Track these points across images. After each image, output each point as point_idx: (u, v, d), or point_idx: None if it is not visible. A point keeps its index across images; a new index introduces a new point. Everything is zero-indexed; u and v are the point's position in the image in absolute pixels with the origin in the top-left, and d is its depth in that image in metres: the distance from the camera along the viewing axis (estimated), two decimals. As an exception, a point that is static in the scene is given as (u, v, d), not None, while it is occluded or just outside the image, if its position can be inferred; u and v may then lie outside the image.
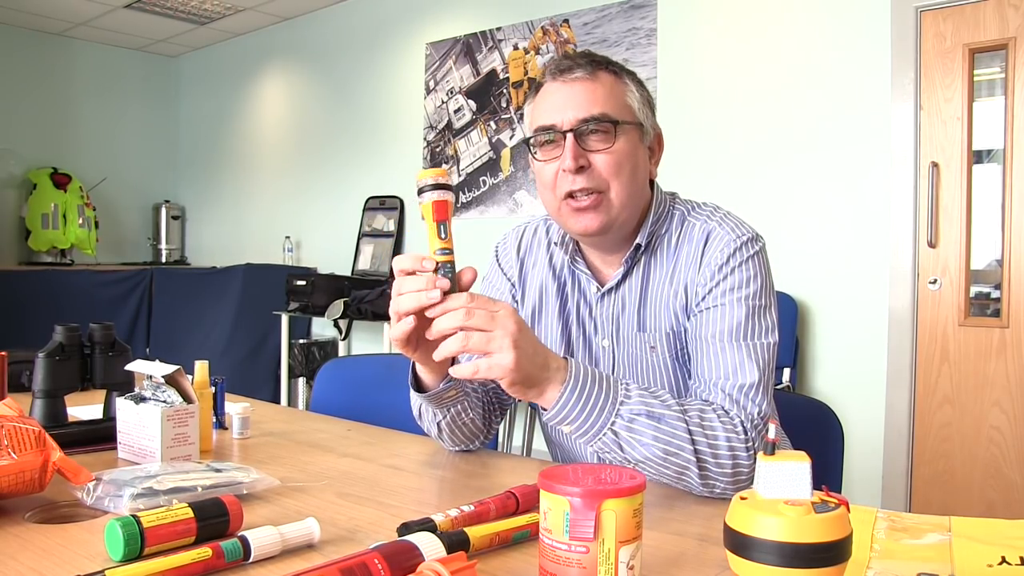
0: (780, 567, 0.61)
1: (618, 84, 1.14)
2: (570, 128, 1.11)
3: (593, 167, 1.11)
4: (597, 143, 1.11)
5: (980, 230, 2.87)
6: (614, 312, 1.20)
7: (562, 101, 1.12)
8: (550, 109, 1.13)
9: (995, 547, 0.75)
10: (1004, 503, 2.74)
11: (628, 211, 1.14)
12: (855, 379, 3.07)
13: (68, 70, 5.83)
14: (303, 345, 4.82)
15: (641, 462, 0.99)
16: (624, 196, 1.12)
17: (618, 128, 1.11)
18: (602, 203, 1.12)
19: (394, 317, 0.97)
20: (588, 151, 1.11)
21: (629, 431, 0.98)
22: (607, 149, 1.11)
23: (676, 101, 3.54)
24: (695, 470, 0.99)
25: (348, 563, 0.66)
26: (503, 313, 0.92)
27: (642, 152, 1.16)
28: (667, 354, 1.16)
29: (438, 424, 1.18)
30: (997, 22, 2.79)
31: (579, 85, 1.12)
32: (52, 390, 1.26)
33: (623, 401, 0.98)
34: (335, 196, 5.13)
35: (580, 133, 1.11)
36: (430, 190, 0.94)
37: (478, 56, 4.34)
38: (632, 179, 1.13)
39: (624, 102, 1.14)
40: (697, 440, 0.99)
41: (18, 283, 4.91)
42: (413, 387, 1.13)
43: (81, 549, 0.78)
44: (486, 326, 0.91)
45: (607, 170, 1.11)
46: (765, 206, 3.26)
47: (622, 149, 1.12)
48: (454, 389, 1.12)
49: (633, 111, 1.15)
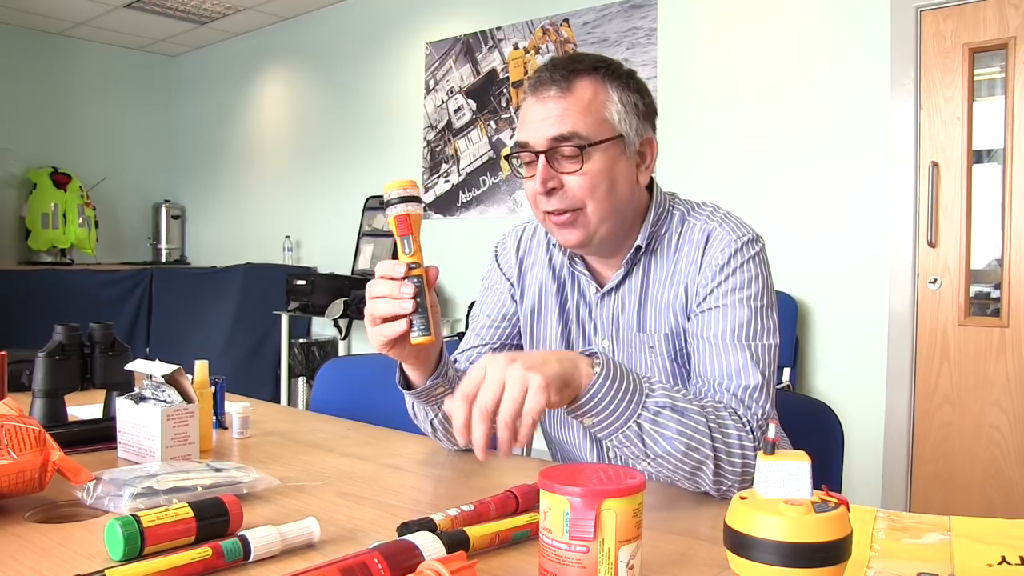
0: (780, 567, 0.61)
1: (598, 94, 1.10)
2: (542, 149, 1.09)
3: (566, 188, 1.10)
4: (569, 164, 1.09)
5: (980, 230, 2.87)
6: (614, 312, 1.19)
7: (534, 119, 1.11)
8: (525, 126, 1.12)
9: (995, 547, 0.75)
10: (1004, 503, 2.74)
11: (609, 225, 1.13)
12: (855, 379, 3.07)
13: (68, 70, 5.83)
14: (303, 345, 4.82)
15: (661, 456, 0.97)
16: (602, 212, 1.11)
17: (590, 148, 1.09)
18: (578, 219, 1.11)
19: (371, 320, 0.98)
20: (560, 172, 1.10)
21: (654, 424, 0.96)
22: (577, 171, 1.09)
23: (676, 101, 3.54)
24: (711, 466, 0.98)
25: (348, 563, 0.66)
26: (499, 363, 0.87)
27: (623, 164, 1.13)
28: (666, 355, 1.16)
29: (431, 423, 1.18)
30: (997, 22, 2.79)
31: (552, 103, 1.10)
32: (52, 390, 1.26)
33: (648, 394, 0.96)
34: (335, 196, 5.12)
35: (552, 153, 1.09)
36: (396, 203, 0.93)
37: (478, 56, 4.34)
38: (610, 195, 1.11)
39: (601, 116, 1.10)
40: (715, 437, 0.98)
41: (18, 283, 4.91)
42: (401, 385, 1.13)
43: (81, 549, 0.78)
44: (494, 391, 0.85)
45: (581, 190, 1.09)
46: (765, 206, 3.25)
47: (595, 169, 1.09)
48: (442, 385, 1.11)
49: (611, 124, 1.11)
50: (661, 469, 0.99)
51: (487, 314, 1.31)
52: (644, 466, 0.99)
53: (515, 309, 1.29)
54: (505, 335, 1.30)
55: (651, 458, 0.98)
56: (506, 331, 1.30)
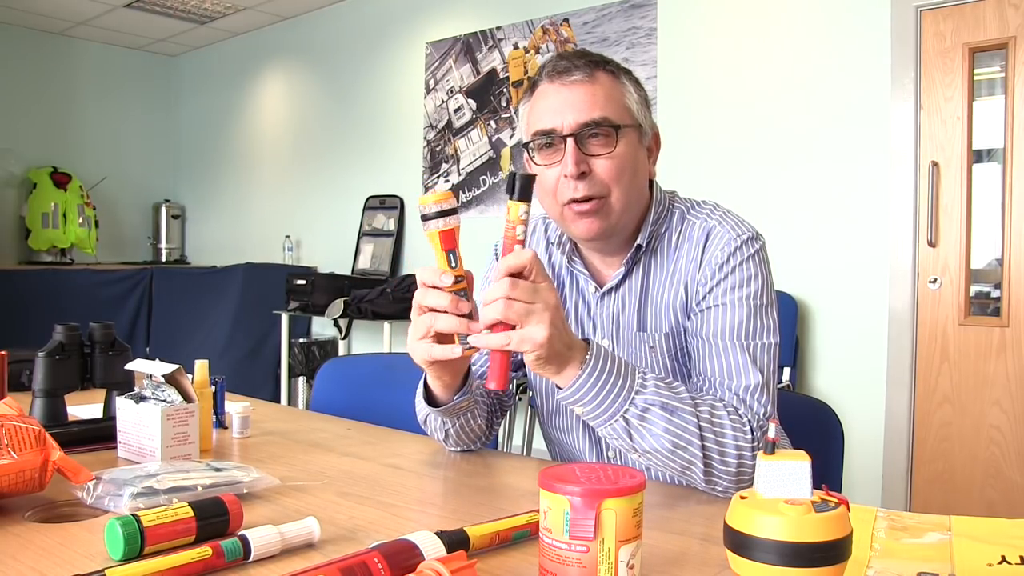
0: (780, 566, 0.61)
1: (617, 85, 1.13)
2: (571, 132, 1.09)
3: (594, 173, 1.10)
4: (598, 148, 1.10)
5: (980, 229, 2.87)
6: (614, 312, 1.19)
7: (561, 104, 1.11)
8: (549, 112, 1.12)
9: (995, 546, 0.75)
10: (1004, 502, 2.74)
11: (628, 215, 1.14)
12: (855, 379, 3.07)
13: (68, 69, 5.83)
14: (303, 344, 4.82)
15: (648, 452, 0.99)
16: (625, 200, 1.12)
17: (619, 132, 1.10)
18: (603, 208, 1.11)
19: (425, 331, 0.95)
20: (589, 156, 1.10)
21: (641, 420, 0.97)
22: (608, 154, 1.10)
23: (676, 101, 3.54)
24: (700, 466, 0.99)
25: (348, 562, 0.66)
26: (545, 286, 0.91)
27: (642, 154, 1.16)
28: (666, 354, 1.16)
29: (446, 431, 1.18)
30: (997, 22, 2.79)
31: (578, 88, 1.10)
32: (52, 389, 1.26)
33: (638, 390, 0.97)
34: (335, 195, 5.12)
35: (581, 137, 1.09)
36: (435, 217, 0.90)
37: (478, 55, 4.34)
38: (633, 182, 1.13)
39: (623, 104, 1.13)
40: (706, 437, 0.99)
41: (18, 283, 4.91)
42: (426, 401, 1.12)
43: (81, 548, 0.78)
44: (528, 298, 0.89)
45: (608, 175, 1.10)
46: (765, 205, 3.25)
47: (623, 153, 1.11)
48: (466, 400, 1.11)
49: (632, 112, 1.13)
50: (651, 463, 1.01)
51: None
52: (635, 458, 1.02)
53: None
54: None
55: (639, 452, 1.00)
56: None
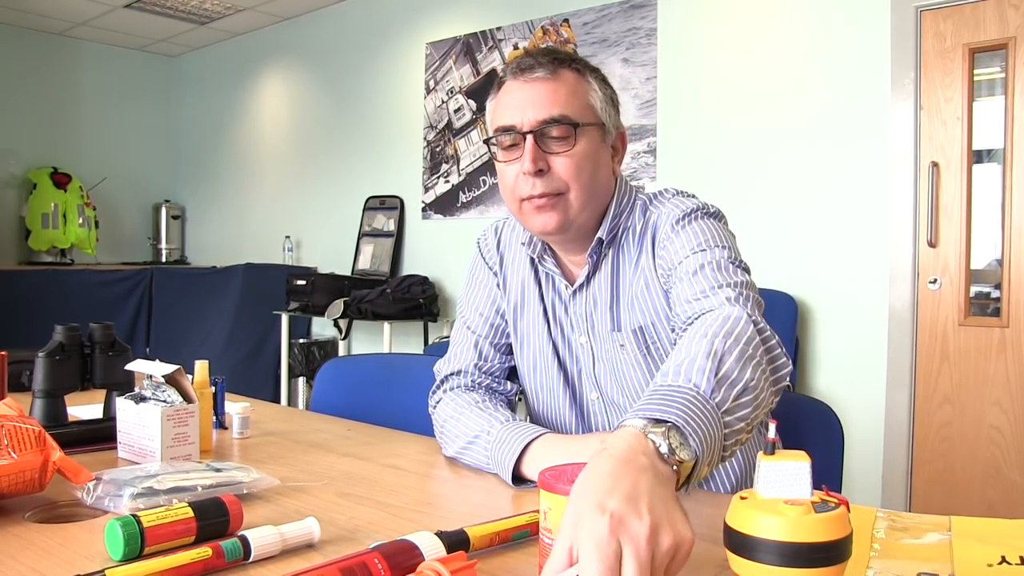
0: (780, 567, 0.61)
1: (581, 83, 1.12)
2: (530, 129, 1.09)
3: (552, 170, 1.10)
4: (557, 145, 1.09)
5: (980, 230, 2.87)
6: (587, 309, 1.19)
7: (522, 101, 1.10)
8: (511, 109, 1.11)
9: (995, 547, 0.75)
10: (1004, 503, 2.74)
11: (588, 212, 1.13)
12: (855, 379, 3.07)
13: (68, 70, 5.83)
14: (303, 345, 4.82)
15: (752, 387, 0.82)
16: (584, 198, 1.11)
17: (579, 130, 1.09)
18: (560, 203, 1.10)
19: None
20: (548, 153, 1.09)
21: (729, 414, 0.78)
22: (567, 152, 1.09)
23: (676, 101, 3.54)
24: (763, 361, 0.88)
25: (348, 563, 0.66)
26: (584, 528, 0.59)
27: (604, 152, 1.15)
28: (637, 351, 1.15)
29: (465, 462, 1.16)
30: (997, 22, 2.79)
31: (540, 85, 1.10)
32: (52, 390, 1.26)
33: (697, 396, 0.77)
34: (335, 196, 5.12)
35: (540, 135, 1.09)
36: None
37: (478, 56, 4.34)
38: (592, 180, 1.12)
39: (586, 102, 1.12)
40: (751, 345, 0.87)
41: (18, 283, 4.91)
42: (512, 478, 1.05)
43: (81, 549, 0.78)
44: (608, 555, 0.56)
45: (567, 173, 1.10)
46: (765, 206, 3.25)
47: (582, 151, 1.10)
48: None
49: (595, 111, 1.13)
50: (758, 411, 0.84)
51: (477, 308, 1.32)
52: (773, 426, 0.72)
53: (504, 301, 1.30)
54: (497, 326, 1.30)
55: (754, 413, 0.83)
56: (497, 323, 1.30)
